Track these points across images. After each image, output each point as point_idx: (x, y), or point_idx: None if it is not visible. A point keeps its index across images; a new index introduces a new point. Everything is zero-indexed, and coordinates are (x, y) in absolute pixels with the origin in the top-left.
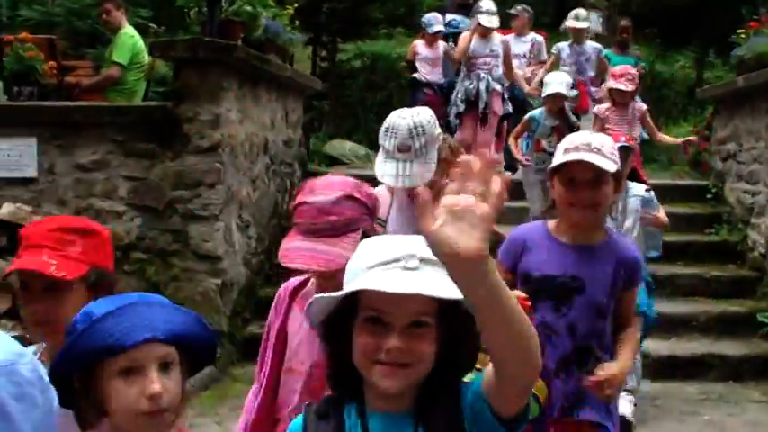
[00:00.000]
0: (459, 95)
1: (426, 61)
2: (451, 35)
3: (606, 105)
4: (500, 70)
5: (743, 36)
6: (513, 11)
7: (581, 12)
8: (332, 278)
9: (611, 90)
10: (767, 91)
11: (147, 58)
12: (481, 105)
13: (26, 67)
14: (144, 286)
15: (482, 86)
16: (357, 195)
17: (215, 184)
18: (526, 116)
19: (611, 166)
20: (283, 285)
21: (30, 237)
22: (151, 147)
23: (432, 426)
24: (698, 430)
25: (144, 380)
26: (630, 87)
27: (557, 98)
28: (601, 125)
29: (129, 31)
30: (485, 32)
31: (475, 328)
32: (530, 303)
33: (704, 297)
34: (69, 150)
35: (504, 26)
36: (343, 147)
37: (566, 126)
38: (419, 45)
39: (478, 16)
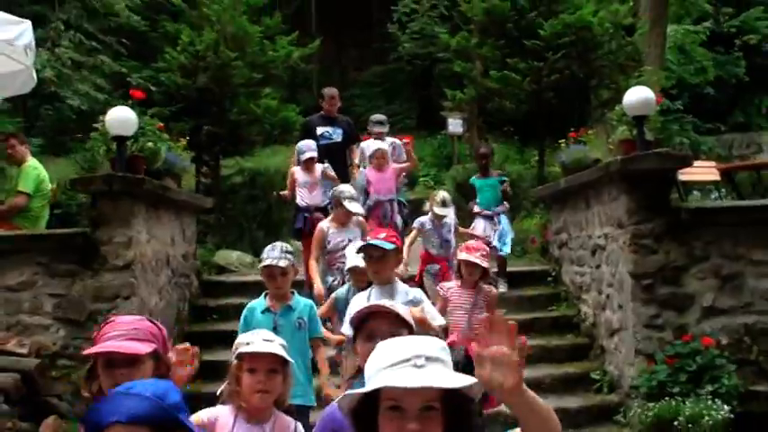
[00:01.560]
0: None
1: (305, 186)
2: (326, 147)
3: (452, 284)
4: None
5: (564, 144)
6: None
7: (446, 197)
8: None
9: (461, 262)
10: (582, 190)
11: (49, 186)
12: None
13: None
14: (70, 389)
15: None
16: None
17: (129, 296)
18: (331, 296)
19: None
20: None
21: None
22: (72, 267)
23: None
24: None
25: None
26: (485, 264)
27: (356, 272)
28: (443, 304)
29: (33, 163)
30: (345, 219)
31: (471, 407)
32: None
33: (548, 363)
34: None
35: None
36: (230, 256)
37: None
38: (297, 171)
39: (344, 202)
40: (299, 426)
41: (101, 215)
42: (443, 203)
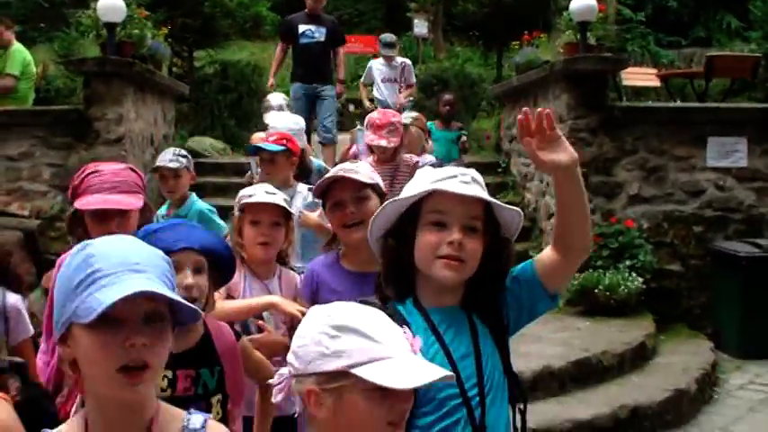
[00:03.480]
0: None
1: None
2: (307, 46)
3: (369, 160)
4: None
5: (517, 47)
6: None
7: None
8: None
9: (371, 146)
10: (532, 88)
11: (34, 69)
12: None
13: None
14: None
15: None
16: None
17: None
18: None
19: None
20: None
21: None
22: (68, 140)
23: (480, 315)
24: None
25: (182, 276)
26: (393, 142)
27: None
28: None
29: (19, 47)
30: None
31: (509, 246)
32: None
33: None
34: (0, 145)
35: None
36: (204, 142)
37: (305, 174)
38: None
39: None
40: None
41: (94, 94)
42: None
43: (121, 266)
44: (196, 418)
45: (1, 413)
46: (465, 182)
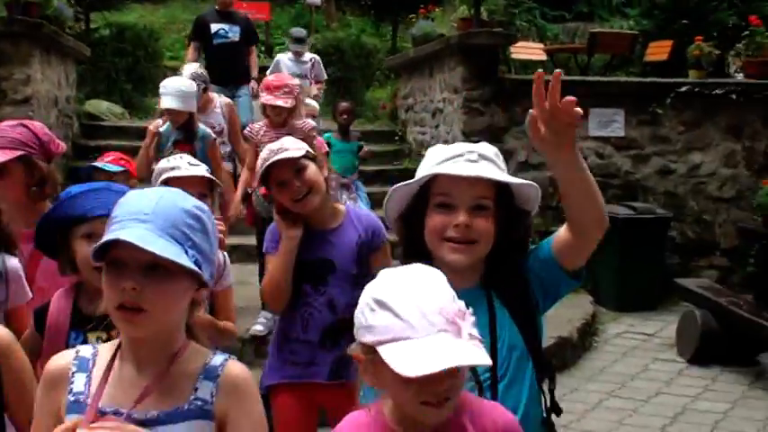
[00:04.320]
0: None
1: None
2: (221, 46)
3: (260, 124)
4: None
5: (414, 19)
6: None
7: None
8: None
9: (264, 105)
10: (428, 60)
11: None
12: None
13: None
14: None
15: None
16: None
17: None
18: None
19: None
20: None
21: None
22: None
23: (501, 295)
24: None
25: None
26: (290, 102)
27: (173, 113)
28: (254, 150)
29: None
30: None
31: (527, 219)
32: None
33: None
34: None
35: None
36: (101, 105)
37: (189, 139)
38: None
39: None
40: (226, 257)
41: (1, 54)
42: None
43: (130, 215)
44: (218, 358)
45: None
46: (471, 160)
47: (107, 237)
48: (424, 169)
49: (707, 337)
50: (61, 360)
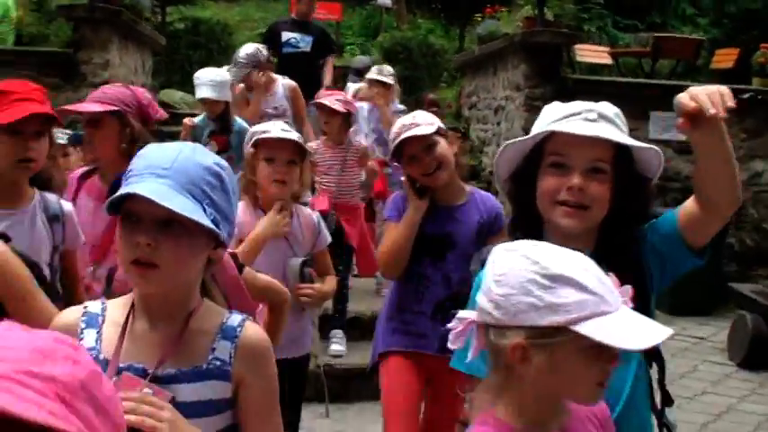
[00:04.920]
0: None
1: None
2: (291, 56)
3: (318, 143)
4: None
5: (480, 18)
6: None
7: (385, 67)
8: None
9: (318, 108)
10: (491, 58)
11: (14, 13)
12: None
13: None
14: None
15: None
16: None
17: None
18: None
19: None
20: (71, 174)
21: (15, 92)
22: (56, 81)
23: (614, 264)
24: None
25: None
26: (337, 106)
27: (208, 103)
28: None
29: None
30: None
31: (647, 185)
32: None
33: None
34: None
35: None
36: (175, 95)
37: (225, 130)
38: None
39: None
40: (321, 219)
41: (82, 39)
42: (379, 71)
43: (147, 169)
44: (235, 317)
45: None
46: (590, 119)
47: (123, 190)
48: (539, 126)
49: (757, 341)
50: (69, 316)
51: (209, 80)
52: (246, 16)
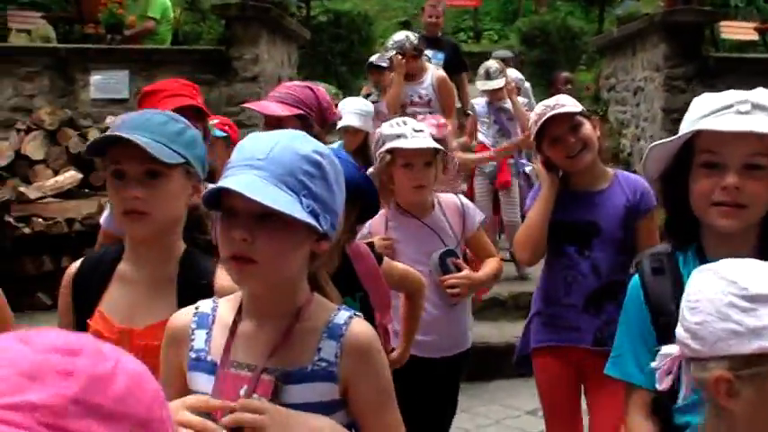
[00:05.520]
0: None
1: None
2: None
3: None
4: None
5: (618, 0)
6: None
7: (491, 65)
8: None
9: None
10: (632, 39)
11: (172, 13)
12: None
13: (117, 20)
14: None
15: None
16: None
17: None
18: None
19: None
20: None
21: (166, 89)
22: (210, 77)
23: None
24: None
25: None
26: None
27: (350, 132)
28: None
29: None
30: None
31: None
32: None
33: None
34: (151, 79)
35: None
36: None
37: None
38: None
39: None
40: (464, 200)
41: (234, 36)
42: (487, 75)
43: (244, 161)
44: (342, 314)
45: None
46: (742, 111)
47: (217, 184)
48: (688, 123)
49: None
50: (182, 317)
51: (357, 109)
52: (385, 6)
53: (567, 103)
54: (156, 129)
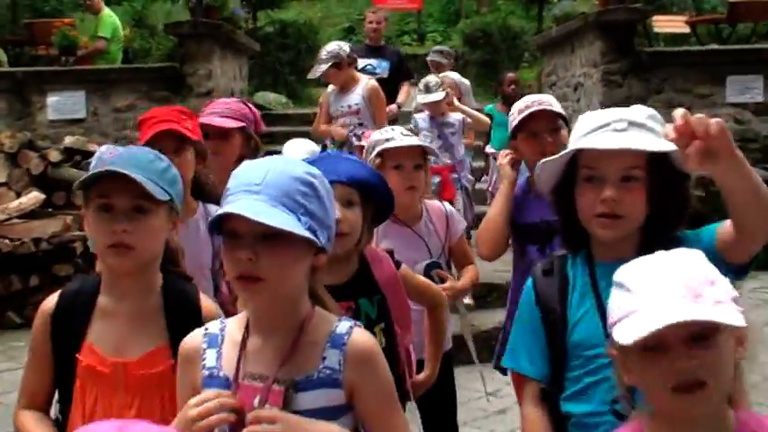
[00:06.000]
0: None
1: None
2: None
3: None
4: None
5: (557, 0)
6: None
7: (431, 80)
8: None
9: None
10: (570, 37)
11: (122, 32)
12: None
13: (71, 42)
14: None
15: None
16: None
17: None
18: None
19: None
20: None
21: (155, 117)
22: (165, 93)
23: None
24: None
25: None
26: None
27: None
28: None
29: (108, 12)
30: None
31: (684, 184)
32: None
33: None
34: (107, 98)
35: None
36: (267, 97)
37: None
38: None
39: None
40: (449, 207)
41: (187, 53)
42: (426, 89)
43: (241, 187)
44: (344, 325)
45: None
46: (619, 129)
47: (220, 210)
48: (572, 141)
49: None
50: (193, 339)
51: (305, 152)
52: (328, 12)
53: (553, 104)
54: (146, 166)
